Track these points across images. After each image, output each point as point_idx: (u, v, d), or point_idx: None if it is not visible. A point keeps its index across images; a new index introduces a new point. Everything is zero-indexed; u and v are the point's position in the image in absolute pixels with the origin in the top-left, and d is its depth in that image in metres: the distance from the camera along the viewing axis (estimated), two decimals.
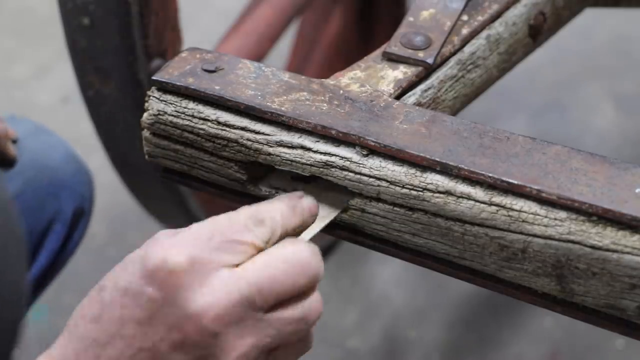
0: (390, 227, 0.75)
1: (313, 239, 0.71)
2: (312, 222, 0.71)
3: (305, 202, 0.70)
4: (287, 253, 0.63)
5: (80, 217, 1.17)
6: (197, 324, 0.60)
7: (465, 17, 0.89)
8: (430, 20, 0.88)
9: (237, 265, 0.62)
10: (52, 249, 1.13)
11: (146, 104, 0.80)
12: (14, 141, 1.10)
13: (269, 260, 0.63)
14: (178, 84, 0.78)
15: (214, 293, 0.60)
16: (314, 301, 0.65)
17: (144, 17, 1.05)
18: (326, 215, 0.74)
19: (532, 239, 0.68)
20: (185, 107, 0.78)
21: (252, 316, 0.61)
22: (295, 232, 0.69)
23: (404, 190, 0.72)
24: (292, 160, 0.75)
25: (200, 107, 0.78)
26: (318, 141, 0.75)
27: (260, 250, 0.64)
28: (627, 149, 2.02)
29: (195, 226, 0.64)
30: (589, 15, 1.17)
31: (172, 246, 0.61)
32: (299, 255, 0.63)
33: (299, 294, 0.63)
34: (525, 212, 0.68)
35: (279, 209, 0.67)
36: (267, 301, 0.61)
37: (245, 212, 0.65)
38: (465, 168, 0.70)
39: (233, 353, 0.61)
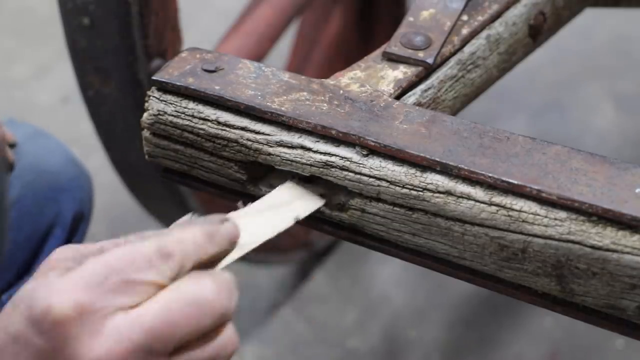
0: (390, 227, 0.75)
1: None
2: (232, 249, 0.63)
3: (224, 228, 0.62)
4: (188, 293, 0.57)
5: (80, 221, 1.16)
6: None
7: (465, 17, 0.89)
8: (430, 20, 0.88)
9: (135, 306, 0.56)
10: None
11: (146, 104, 0.80)
12: (12, 145, 1.08)
13: (168, 301, 0.56)
14: (178, 84, 0.78)
15: (104, 344, 0.54)
16: (225, 338, 0.58)
17: (144, 17, 1.05)
18: (254, 240, 0.66)
19: (532, 239, 0.68)
20: (185, 107, 0.78)
21: None
22: (211, 261, 0.61)
23: (404, 190, 0.72)
24: (292, 160, 0.75)
25: (200, 107, 0.78)
26: (318, 141, 0.75)
27: (165, 286, 0.57)
28: (627, 149, 2.02)
29: (91, 263, 0.57)
30: (589, 15, 1.17)
31: (59, 291, 0.55)
32: (202, 295, 0.57)
33: (208, 333, 0.58)
34: (525, 212, 0.68)
35: (192, 239, 0.60)
36: (168, 346, 0.56)
37: (152, 244, 0.58)
38: (465, 168, 0.70)
39: None
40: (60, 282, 0.56)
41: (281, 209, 0.72)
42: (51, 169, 1.13)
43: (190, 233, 0.60)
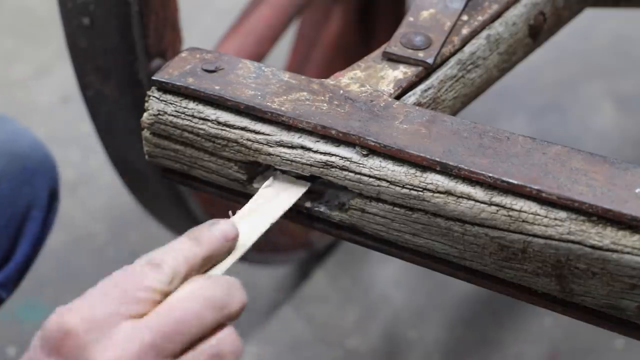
0: (390, 227, 0.75)
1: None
2: (232, 247, 0.66)
3: (215, 229, 0.65)
4: (186, 291, 0.60)
5: (54, 200, 1.16)
6: None
7: (465, 17, 0.89)
8: (430, 20, 0.88)
9: (141, 315, 0.59)
10: (33, 235, 1.12)
11: (146, 104, 0.80)
12: None
13: (169, 303, 0.60)
14: (178, 84, 0.78)
15: (116, 347, 0.57)
16: (226, 335, 0.61)
17: (144, 16, 1.05)
18: (250, 238, 0.68)
19: (532, 239, 0.68)
20: (185, 107, 0.78)
21: None
22: (207, 265, 0.65)
23: (404, 190, 0.72)
24: (292, 160, 0.75)
25: (200, 107, 0.78)
26: (318, 141, 0.75)
27: (166, 294, 0.60)
28: (627, 149, 2.02)
29: (89, 289, 0.61)
30: (589, 16, 1.17)
31: (67, 311, 0.59)
32: (199, 291, 0.60)
33: (209, 330, 0.60)
34: (525, 212, 0.68)
35: (177, 247, 0.63)
36: (175, 345, 0.59)
37: (141, 261, 0.62)
38: (465, 168, 0.70)
39: None
40: (67, 306, 0.59)
41: (270, 203, 0.74)
42: (22, 153, 1.12)
43: (177, 242, 0.63)
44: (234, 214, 0.72)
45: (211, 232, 0.65)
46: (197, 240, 0.64)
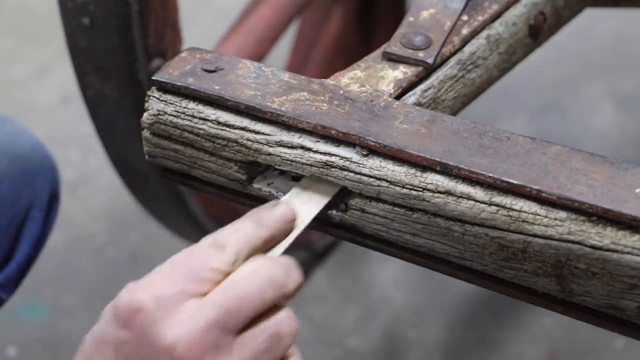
0: (390, 227, 0.75)
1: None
2: (290, 229, 0.70)
3: (276, 211, 0.69)
4: (248, 270, 0.63)
5: (54, 200, 1.17)
6: (172, 357, 0.60)
7: (465, 17, 0.89)
8: (430, 20, 0.88)
9: (205, 294, 0.62)
10: (33, 236, 1.13)
11: (146, 104, 0.80)
12: None
13: (232, 280, 0.63)
14: (178, 84, 0.78)
15: (182, 324, 0.60)
16: (284, 316, 0.64)
17: (144, 16, 1.05)
18: (304, 220, 0.72)
19: (532, 239, 0.68)
20: (185, 107, 0.78)
21: (226, 340, 0.61)
22: (267, 246, 0.68)
23: (404, 190, 0.72)
24: (292, 160, 0.75)
25: (200, 107, 0.78)
26: (318, 141, 0.75)
27: (228, 274, 0.63)
28: (627, 149, 2.02)
29: (157, 267, 0.64)
30: (589, 16, 1.17)
31: (137, 288, 0.62)
32: (261, 270, 0.63)
33: (269, 309, 0.63)
34: (525, 212, 0.68)
35: (241, 229, 0.66)
36: (238, 321, 0.61)
37: (205, 241, 0.65)
38: (465, 168, 0.70)
39: None
40: (138, 283, 0.63)
41: (317, 187, 0.76)
42: (23, 153, 1.12)
43: (240, 223, 0.67)
44: (234, 214, 0.72)
45: (272, 214, 0.68)
46: (259, 222, 0.67)
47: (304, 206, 0.73)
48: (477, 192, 0.70)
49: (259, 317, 0.63)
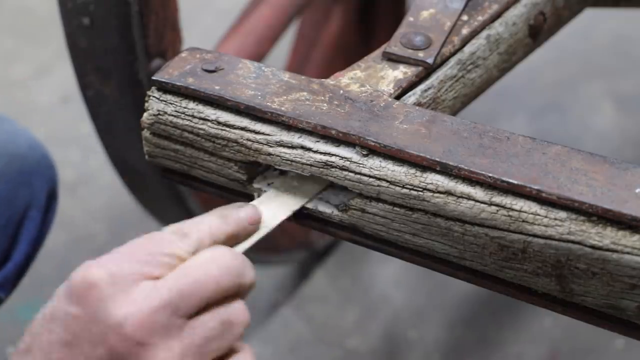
0: (390, 227, 0.75)
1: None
2: (254, 231, 0.71)
3: (242, 211, 0.70)
4: (207, 256, 0.64)
5: (52, 199, 1.17)
6: (120, 334, 0.59)
7: (465, 17, 0.89)
8: (430, 20, 0.88)
9: (161, 277, 0.62)
10: (31, 236, 1.13)
11: (146, 104, 0.80)
12: None
13: (189, 264, 0.63)
14: (178, 84, 0.78)
15: (135, 302, 0.60)
16: (237, 306, 0.64)
17: (144, 16, 1.05)
18: (269, 225, 0.73)
19: (532, 239, 0.68)
20: (185, 107, 0.78)
21: (177, 323, 0.61)
22: (230, 243, 0.68)
23: (404, 190, 0.72)
24: (292, 160, 0.75)
25: (200, 107, 0.78)
26: (318, 141, 0.75)
27: (185, 260, 0.64)
28: (627, 149, 2.02)
29: (117, 248, 0.64)
30: (589, 16, 1.17)
31: (93, 264, 0.62)
32: (220, 258, 0.64)
33: (224, 297, 0.63)
34: (525, 212, 0.68)
35: (207, 221, 0.67)
36: (190, 305, 0.61)
37: (170, 228, 0.66)
38: (465, 168, 0.70)
39: None
40: (94, 260, 0.63)
41: (292, 193, 0.77)
42: (20, 153, 1.12)
43: (206, 216, 0.68)
44: None
45: (239, 213, 0.69)
46: (225, 218, 0.68)
47: (272, 211, 0.74)
48: (477, 192, 0.70)
49: (213, 305, 0.63)
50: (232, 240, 0.68)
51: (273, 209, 0.74)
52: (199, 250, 0.64)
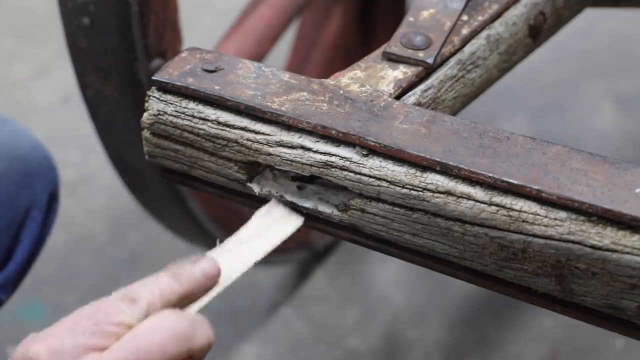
0: (390, 227, 0.75)
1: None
2: (213, 285, 0.67)
3: (196, 267, 0.66)
4: (150, 323, 0.61)
5: (54, 200, 1.17)
6: None
7: (465, 17, 0.89)
8: (430, 20, 0.88)
9: (106, 348, 0.60)
10: (32, 237, 1.12)
11: (146, 104, 0.80)
12: None
13: (134, 334, 0.60)
14: (178, 84, 0.78)
15: None
16: None
17: (144, 16, 1.05)
18: (228, 278, 0.68)
19: (532, 239, 0.68)
20: (185, 107, 0.78)
21: None
22: (184, 302, 0.65)
23: (404, 190, 0.72)
24: (292, 160, 0.75)
25: (200, 107, 0.78)
26: (318, 141, 0.75)
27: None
28: (627, 149, 2.02)
29: (63, 318, 0.62)
30: (589, 16, 1.17)
31: (34, 340, 0.60)
32: (164, 323, 0.61)
33: None
34: (525, 212, 0.68)
35: (157, 282, 0.64)
36: None
37: (117, 294, 0.63)
38: (465, 168, 0.70)
39: None
40: (37, 335, 0.60)
41: (260, 237, 0.73)
42: (22, 154, 1.12)
43: (156, 277, 0.64)
44: (233, 214, 0.72)
45: (192, 270, 0.66)
46: (176, 277, 0.65)
47: (231, 263, 0.69)
48: (477, 192, 0.70)
49: None
50: (187, 299, 0.65)
51: (232, 258, 0.70)
52: (150, 314, 0.62)
